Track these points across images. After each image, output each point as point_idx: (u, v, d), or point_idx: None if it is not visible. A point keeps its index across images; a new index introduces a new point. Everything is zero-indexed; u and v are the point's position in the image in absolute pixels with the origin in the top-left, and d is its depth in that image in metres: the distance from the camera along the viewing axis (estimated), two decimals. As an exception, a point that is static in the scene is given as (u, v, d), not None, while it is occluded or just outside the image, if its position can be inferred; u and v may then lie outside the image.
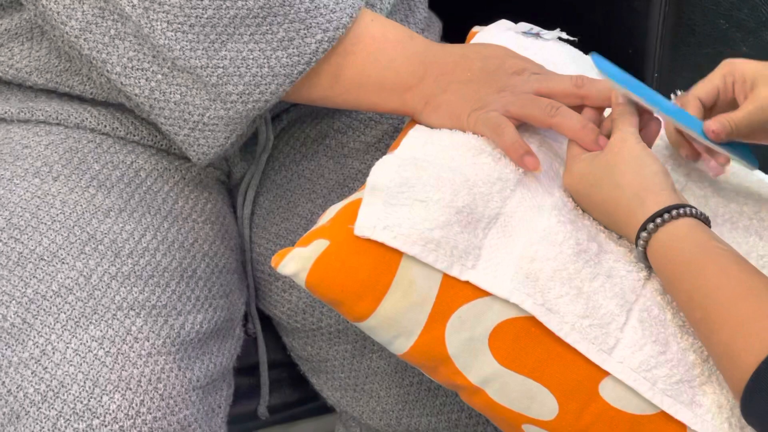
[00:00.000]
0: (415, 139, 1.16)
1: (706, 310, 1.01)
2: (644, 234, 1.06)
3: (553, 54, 1.26)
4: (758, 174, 1.25)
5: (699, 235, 1.04)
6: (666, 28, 1.46)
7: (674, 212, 1.05)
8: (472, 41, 1.29)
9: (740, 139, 1.15)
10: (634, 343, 1.06)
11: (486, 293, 1.07)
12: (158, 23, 1.15)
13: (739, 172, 1.24)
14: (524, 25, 1.31)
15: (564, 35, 1.30)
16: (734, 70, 1.15)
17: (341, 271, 1.07)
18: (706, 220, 1.06)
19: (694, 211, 1.05)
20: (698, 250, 1.03)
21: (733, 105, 1.15)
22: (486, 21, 1.33)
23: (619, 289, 1.08)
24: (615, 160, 1.10)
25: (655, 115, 1.15)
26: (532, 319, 1.07)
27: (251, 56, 1.16)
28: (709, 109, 1.16)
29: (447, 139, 1.15)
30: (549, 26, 1.31)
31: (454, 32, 1.40)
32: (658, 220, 1.05)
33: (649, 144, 1.15)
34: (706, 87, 1.16)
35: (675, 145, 1.20)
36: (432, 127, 1.17)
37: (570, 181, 1.13)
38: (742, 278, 1.00)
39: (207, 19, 1.15)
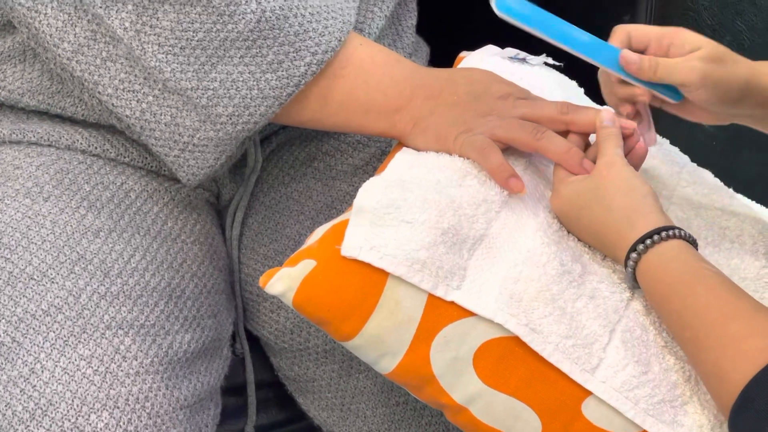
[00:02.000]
0: (401, 161, 1.17)
1: (695, 330, 1.02)
2: (634, 255, 1.07)
3: (539, 79, 1.28)
4: (740, 198, 1.26)
5: (688, 257, 1.05)
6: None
7: (663, 234, 1.06)
8: (459, 66, 1.31)
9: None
10: (616, 363, 1.07)
11: (471, 313, 1.08)
12: (149, 46, 1.16)
13: (721, 195, 1.25)
14: (510, 51, 1.32)
15: (550, 60, 1.31)
16: (679, 34, 1.14)
17: (328, 291, 1.08)
18: (694, 242, 1.07)
19: (682, 233, 1.06)
20: (687, 271, 1.04)
21: None
22: (473, 46, 1.34)
23: (602, 309, 1.09)
24: (603, 183, 1.11)
25: (563, 48, 1.15)
26: (516, 339, 1.08)
27: (241, 78, 1.17)
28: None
29: (433, 161, 1.16)
30: (535, 52, 1.32)
31: (442, 57, 1.41)
32: (648, 242, 1.06)
33: (636, 168, 1.16)
34: (642, 28, 1.16)
35: (610, 103, 1.20)
36: (419, 150, 1.19)
37: (558, 203, 1.14)
38: (730, 299, 1.02)
39: (197, 41, 1.16)
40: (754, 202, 1.27)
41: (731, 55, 1.14)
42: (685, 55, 1.13)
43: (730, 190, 1.27)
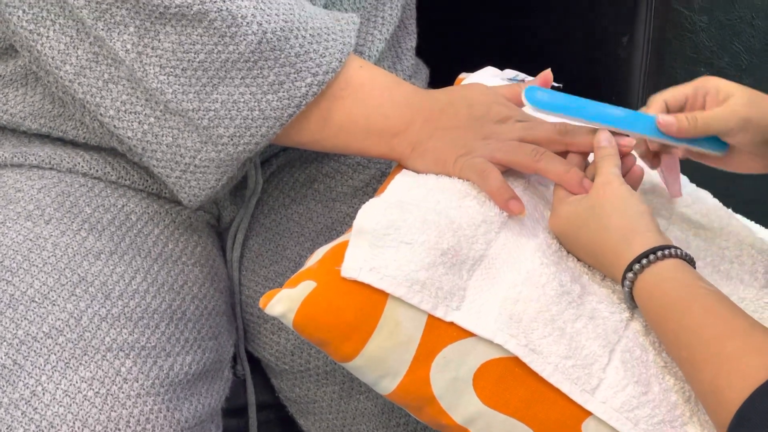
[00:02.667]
0: (401, 183, 1.17)
1: (692, 349, 1.02)
2: (630, 275, 1.07)
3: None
4: (739, 218, 1.26)
5: (685, 276, 1.05)
6: (648, 75, 1.48)
7: (659, 253, 1.06)
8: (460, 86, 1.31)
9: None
10: (616, 384, 1.07)
11: (470, 334, 1.08)
12: (151, 67, 1.17)
13: (720, 215, 1.25)
14: (509, 72, 1.33)
15: (548, 81, 1.32)
16: (708, 83, 1.16)
17: (328, 311, 1.08)
18: (691, 261, 1.07)
19: (679, 252, 1.07)
20: (684, 290, 1.04)
21: None
22: (472, 68, 1.35)
23: (601, 330, 1.09)
24: (600, 203, 1.11)
25: (600, 127, 1.16)
26: (516, 360, 1.08)
27: (242, 99, 1.17)
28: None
29: (433, 183, 1.16)
30: (534, 73, 1.32)
31: (441, 78, 1.42)
32: (644, 261, 1.06)
33: (634, 188, 1.16)
34: (674, 91, 1.17)
35: (639, 154, 1.20)
36: (418, 172, 1.19)
37: (556, 223, 1.14)
38: (727, 317, 1.02)
39: (199, 63, 1.16)
40: (753, 222, 1.27)
41: (763, 96, 1.15)
42: (720, 103, 1.14)
43: (729, 210, 1.27)
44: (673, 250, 1.06)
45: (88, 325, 1.17)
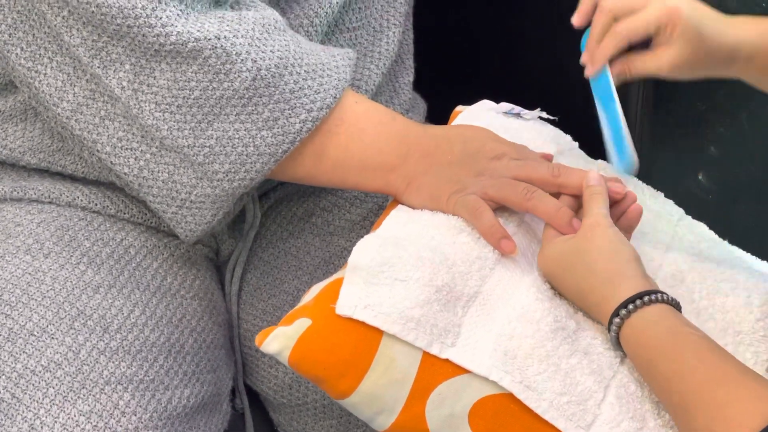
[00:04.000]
0: (396, 219, 1.18)
1: (683, 395, 1.01)
2: (617, 320, 1.06)
3: (534, 133, 1.28)
4: (735, 250, 1.26)
5: (671, 321, 1.05)
6: (644, 108, 1.48)
7: (646, 298, 1.05)
8: (455, 121, 1.31)
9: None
10: (611, 420, 1.07)
11: (465, 370, 1.08)
12: (146, 104, 1.17)
13: (717, 247, 1.25)
14: (505, 105, 1.33)
15: (544, 114, 1.32)
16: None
17: (323, 349, 1.09)
18: (677, 306, 1.07)
19: (665, 296, 1.06)
20: (671, 336, 1.04)
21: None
22: (469, 101, 1.35)
23: (596, 365, 1.09)
24: (587, 246, 1.10)
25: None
26: (511, 396, 1.07)
27: (237, 135, 1.18)
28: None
29: (427, 219, 1.16)
30: (530, 106, 1.33)
31: (438, 112, 1.43)
32: (630, 306, 1.05)
33: (630, 229, 1.16)
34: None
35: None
36: (414, 208, 1.19)
37: (543, 263, 1.14)
38: (717, 363, 1.01)
39: (194, 99, 1.17)
40: (748, 254, 1.27)
41: (712, 23, 1.17)
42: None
43: (725, 242, 1.27)
44: (659, 295, 1.06)
45: (86, 358, 1.17)
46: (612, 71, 1.19)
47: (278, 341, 1.09)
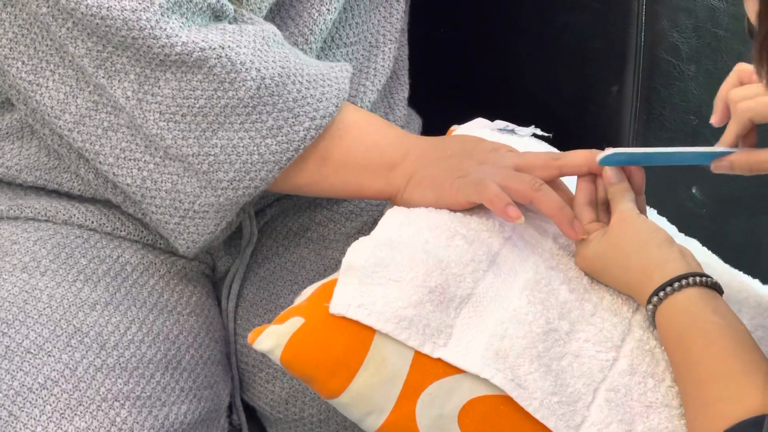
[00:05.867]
0: (391, 219, 1.18)
1: (685, 385, 1.04)
2: (650, 306, 1.09)
3: (528, 149, 1.29)
4: (726, 267, 1.27)
5: (696, 309, 1.06)
6: (638, 123, 1.49)
7: (676, 284, 1.07)
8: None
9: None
10: (600, 422, 1.08)
11: (457, 371, 1.09)
12: (151, 114, 1.18)
13: (708, 264, 1.26)
14: (500, 123, 1.34)
15: (538, 131, 1.33)
16: None
17: (315, 348, 1.09)
18: (715, 286, 1.08)
19: (699, 279, 1.08)
20: (691, 324, 1.05)
21: None
22: (463, 118, 1.36)
23: (586, 368, 1.10)
24: (619, 242, 1.12)
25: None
26: (501, 397, 1.08)
27: (241, 144, 1.19)
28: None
29: (423, 221, 1.17)
30: (524, 123, 1.34)
31: (433, 131, 1.43)
32: (661, 294, 1.08)
33: (641, 192, 1.17)
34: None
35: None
36: (415, 204, 1.20)
37: (582, 264, 1.16)
38: (723, 356, 1.03)
39: (198, 108, 1.18)
40: (740, 272, 1.28)
41: None
42: None
43: (718, 257, 1.28)
44: (692, 279, 1.07)
45: (83, 375, 1.18)
46: (735, 165, 1.13)
47: (270, 339, 1.10)
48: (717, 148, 1.14)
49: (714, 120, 1.16)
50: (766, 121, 1.13)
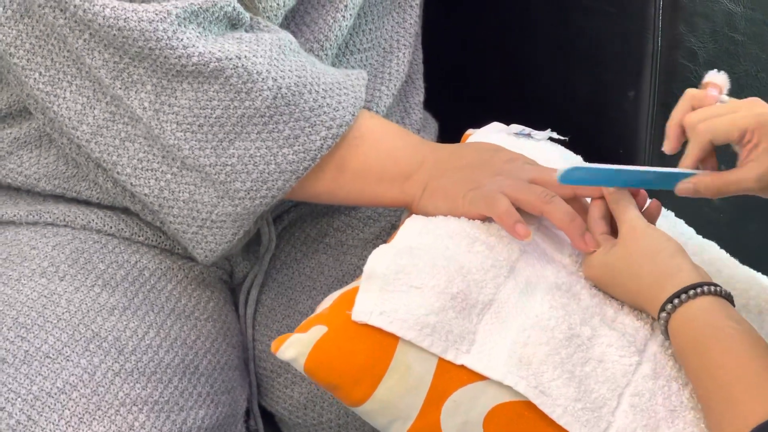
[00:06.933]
0: (410, 228, 1.18)
1: (707, 390, 1.03)
2: (663, 314, 1.08)
3: (545, 153, 1.29)
4: (745, 268, 1.27)
5: (711, 316, 1.06)
6: (654, 128, 1.49)
7: (691, 292, 1.07)
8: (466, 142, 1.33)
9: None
10: (625, 427, 1.07)
11: (481, 377, 1.09)
12: (168, 124, 1.18)
13: (727, 266, 1.26)
14: (516, 127, 1.34)
15: (555, 135, 1.33)
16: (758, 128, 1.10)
17: (339, 356, 1.09)
18: (727, 296, 1.08)
19: (712, 288, 1.07)
20: (707, 330, 1.05)
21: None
22: (479, 122, 1.36)
23: (610, 373, 1.10)
24: (629, 251, 1.12)
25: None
26: (525, 404, 1.08)
27: (258, 154, 1.19)
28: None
29: (442, 228, 1.17)
30: (540, 127, 1.34)
31: (449, 134, 1.43)
32: (675, 301, 1.07)
33: (652, 222, 1.17)
34: (725, 125, 1.11)
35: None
36: (429, 214, 1.20)
37: (590, 273, 1.15)
38: (744, 359, 1.02)
39: (215, 119, 1.18)
40: (759, 273, 1.28)
41: None
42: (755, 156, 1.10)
43: (736, 260, 1.28)
44: (706, 288, 1.07)
45: (101, 380, 1.18)
46: (700, 187, 1.13)
47: (294, 348, 1.10)
48: (679, 169, 1.14)
49: (666, 147, 1.16)
50: (725, 141, 1.12)
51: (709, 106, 1.14)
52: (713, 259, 1.26)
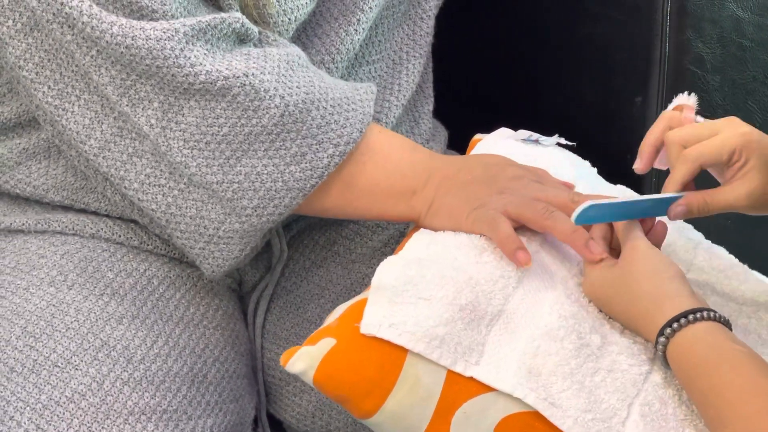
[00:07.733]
0: (418, 240, 1.18)
1: (717, 409, 1.02)
2: (662, 339, 1.07)
3: (553, 159, 1.29)
4: (756, 274, 1.27)
5: (714, 338, 1.05)
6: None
7: (691, 317, 1.06)
8: (474, 149, 1.32)
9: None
10: None
11: (490, 389, 1.08)
12: (175, 141, 1.18)
13: (737, 271, 1.25)
14: (524, 132, 1.34)
15: (563, 141, 1.33)
16: (752, 146, 1.11)
17: (348, 368, 1.09)
18: (725, 323, 1.07)
19: (712, 314, 1.06)
20: (712, 352, 1.04)
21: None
22: (487, 128, 1.36)
23: (620, 383, 1.09)
24: (630, 270, 1.11)
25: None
26: (535, 414, 1.08)
27: (265, 171, 1.19)
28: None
29: (450, 240, 1.17)
30: (548, 133, 1.34)
31: (457, 140, 1.43)
32: (675, 325, 1.06)
33: (658, 245, 1.16)
34: (713, 148, 1.13)
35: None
36: (435, 230, 1.20)
37: (589, 289, 1.15)
38: (753, 377, 1.02)
39: (222, 136, 1.18)
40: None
41: None
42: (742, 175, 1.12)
43: (745, 266, 1.27)
44: (705, 313, 1.06)
45: (110, 389, 1.18)
46: (693, 208, 1.14)
47: (303, 361, 1.10)
48: (668, 194, 1.14)
49: (639, 167, 1.16)
50: (714, 163, 1.13)
51: (689, 125, 1.15)
52: (724, 264, 1.25)
